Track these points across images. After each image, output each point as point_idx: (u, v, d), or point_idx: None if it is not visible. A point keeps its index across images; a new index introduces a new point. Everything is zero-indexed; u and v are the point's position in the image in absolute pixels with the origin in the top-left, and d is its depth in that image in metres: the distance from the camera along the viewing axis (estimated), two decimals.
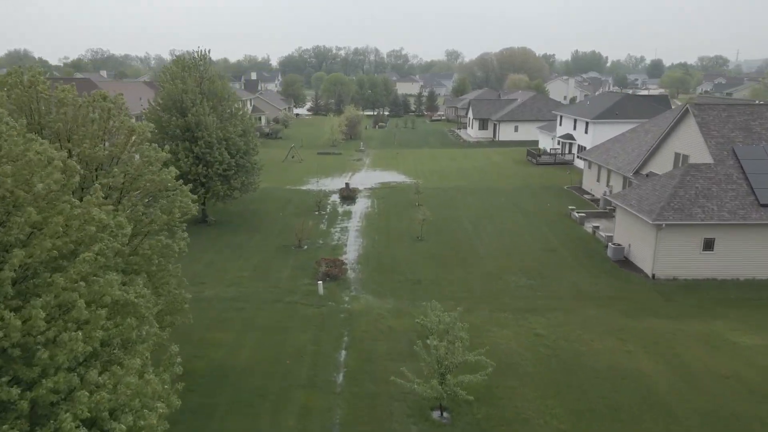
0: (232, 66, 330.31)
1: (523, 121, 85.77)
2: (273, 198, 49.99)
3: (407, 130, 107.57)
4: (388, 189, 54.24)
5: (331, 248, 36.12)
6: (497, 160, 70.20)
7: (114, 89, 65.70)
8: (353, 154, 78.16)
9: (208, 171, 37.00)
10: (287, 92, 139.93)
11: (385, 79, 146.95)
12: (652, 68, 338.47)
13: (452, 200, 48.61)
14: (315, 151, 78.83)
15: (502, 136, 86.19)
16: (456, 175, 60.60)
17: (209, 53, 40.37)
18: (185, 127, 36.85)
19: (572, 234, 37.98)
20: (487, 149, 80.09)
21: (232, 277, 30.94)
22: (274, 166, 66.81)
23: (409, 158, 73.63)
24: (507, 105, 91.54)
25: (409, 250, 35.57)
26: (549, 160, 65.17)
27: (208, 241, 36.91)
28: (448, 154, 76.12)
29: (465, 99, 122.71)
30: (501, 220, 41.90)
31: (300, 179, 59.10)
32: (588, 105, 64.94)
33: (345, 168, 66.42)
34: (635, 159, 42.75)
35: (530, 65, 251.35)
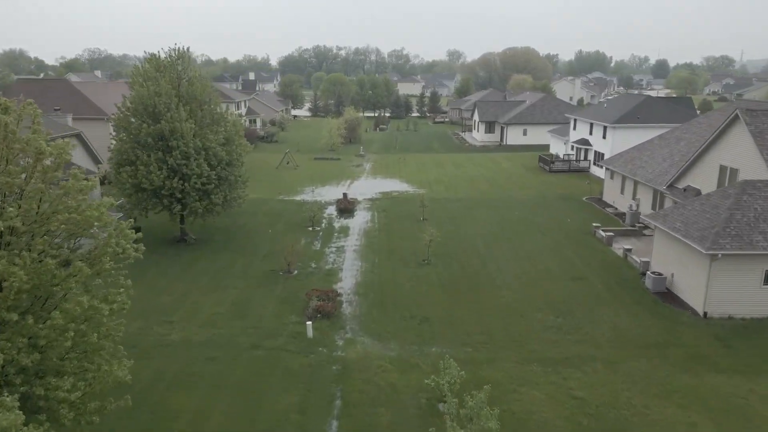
0: (231, 66, 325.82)
1: (533, 125, 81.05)
2: (263, 211, 45.34)
3: (409, 133, 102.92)
4: (389, 200, 49.58)
5: (324, 274, 31.47)
6: (506, 166, 65.50)
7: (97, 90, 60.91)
8: (352, 159, 73.49)
9: (185, 185, 32.33)
10: (285, 93, 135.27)
11: (386, 80, 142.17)
12: (657, 68, 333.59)
13: (460, 214, 43.92)
14: (312, 156, 74.16)
15: (510, 140, 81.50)
16: (463, 185, 55.90)
17: (188, 50, 35.74)
18: (158, 134, 32.21)
19: (600, 257, 33.27)
20: (495, 154, 75.39)
21: (207, 314, 26.27)
22: (267, 173, 62.19)
23: (412, 164, 68.96)
24: (515, 107, 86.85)
25: (414, 276, 30.90)
26: (563, 167, 60.48)
27: (184, 267, 32.22)
28: (454, 160, 71.42)
29: (469, 100, 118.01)
30: (517, 238, 37.21)
31: (294, 188, 54.44)
32: (605, 108, 60.25)
33: (343, 175, 61.77)
34: (667, 170, 38.08)
35: (534, 65, 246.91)
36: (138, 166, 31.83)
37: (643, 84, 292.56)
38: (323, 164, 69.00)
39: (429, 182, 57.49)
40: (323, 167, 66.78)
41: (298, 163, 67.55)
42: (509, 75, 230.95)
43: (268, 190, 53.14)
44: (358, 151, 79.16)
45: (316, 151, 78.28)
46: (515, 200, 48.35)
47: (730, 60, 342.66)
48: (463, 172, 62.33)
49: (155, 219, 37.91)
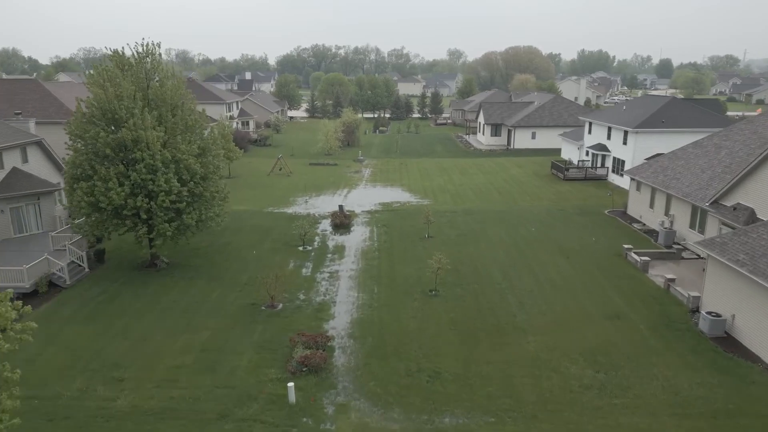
0: (228, 65, 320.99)
1: (542, 127, 76.31)
2: (249, 226, 40.56)
3: (410, 136, 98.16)
4: (390, 212, 44.80)
5: (314, 309, 26.69)
6: (516, 173, 60.71)
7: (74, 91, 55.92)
8: (350, 164, 68.73)
9: (151, 204, 27.53)
10: (281, 93, 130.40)
11: (387, 80, 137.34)
12: (661, 68, 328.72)
13: (470, 230, 39.15)
14: (307, 162, 69.42)
15: (517, 144, 76.73)
16: (471, 194, 51.12)
17: (159, 47, 30.94)
18: (118, 144, 27.42)
19: (637, 288, 28.48)
20: (502, 159, 70.61)
21: (168, 366, 21.48)
22: (258, 181, 57.44)
23: (414, 170, 64.20)
24: (522, 109, 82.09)
25: (421, 312, 26.14)
26: (578, 174, 55.69)
27: (150, 300, 27.41)
28: (459, 166, 66.66)
29: (473, 101, 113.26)
30: (537, 262, 32.41)
31: (285, 198, 49.65)
32: (624, 111, 55.47)
33: (340, 183, 57.01)
34: (708, 183, 33.32)
35: (537, 65, 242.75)
36: (95, 181, 27.04)
37: (647, 84, 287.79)
38: (319, 170, 64.23)
39: (433, 191, 52.72)
40: (319, 174, 62.02)
41: (291, 169, 62.81)
42: (512, 75, 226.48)
43: (257, 201, 48.36)
44: (356, 155, 74.43)
45: (311, 156, 73.53)
46: (530, 213, 43.57)
47: (734, 59, 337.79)
48: (470, 180, 57.55)
49: (125, 238, 33.18)
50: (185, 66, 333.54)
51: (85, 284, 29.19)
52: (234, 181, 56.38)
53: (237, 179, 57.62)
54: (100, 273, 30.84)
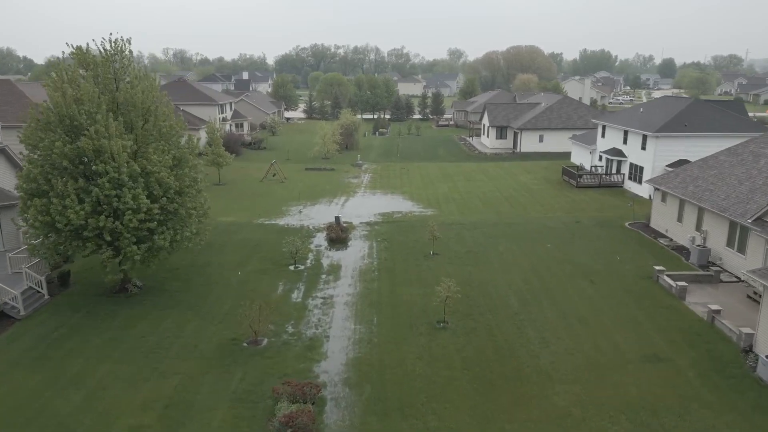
0: (226, 65, 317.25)
1: (550, 130, 72.65)
2: (236, 241, 36.92)
3: (411, 138, 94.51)
4: (391, 224, 41.16)
5: (304, 346, 23.05)
6: (525, 180, 57.05)
7: None
8: (349, 169, 65.09)
9: (116, 224, 23.86)
10: (278, 94, 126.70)
11: (387, 80, 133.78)
12: (664, 67, 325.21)
13: (480, 247, 35.51)
14: (303, 166, 65.75)
15: (524, 147, 73.08)
16: (478, 204, 47.47)
17: (129, 42, 27.28)
18: (78, 155, 23.78)
19: (675, 320, 24.83)
20: (509, 164, 66.95)
21: (124, 427, 17.81)
22: (250, 188, 53.75)
23: (416, 176, 60.57)
24: (529, 110, 78.44)
25: (428, 350, 22.50)
26: (592, 181, 52.04)
27: (114, 336, 23.74)
28: (464, 171, 63.01)
29: (476, 102, 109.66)
30: (558, 287, 28.78)
31: (278, 208, 45.99)
32: (642, 113, 51.83)
33: (337, 190, 53.36)
34: (748, 196, 29.70)
35: (539, 64, 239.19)
36: (51, 198, 23.39)
37: (650, 84, 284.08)
38: (315, 176, 60.54)
39: (437, 200, 49.06)
40: (315, 180, 58.35)
41: (286, 175, 59.16)
42: (513, 74, 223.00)
43: (247, 211, 44.70)
44: (355, 159, 70.79)
45: (308, 161, 69.88)
46: (543, 226, 39.93)
47: (738, 59, 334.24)
48: (477, 187, 53.88)
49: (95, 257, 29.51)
50: (183, 66, 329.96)
51: (43, 315, 25.52)
52: (223, 189, 52.74)
53: (227, 186, 53.96)
54: (62, 300, 27.17)
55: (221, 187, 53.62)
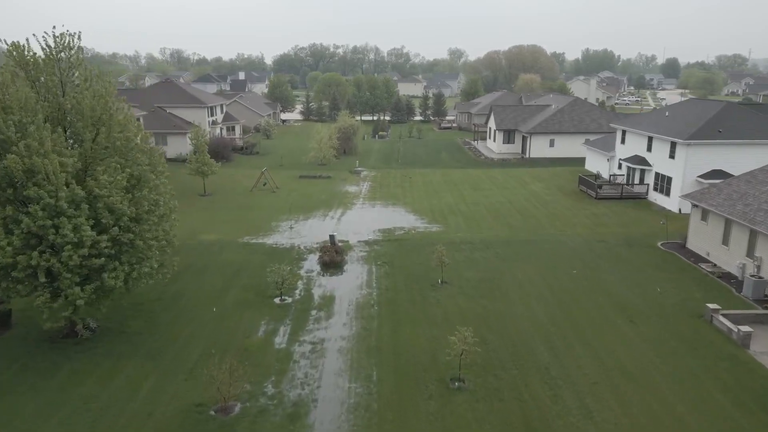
0: (224, 65, 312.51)
1: (562, 134, 68.07)
2: (217, 264, 32.35)
3: (413, 142, 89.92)
4: (392, 243, 36.62)
5: (285, 414, 18.47)
6: (537, 189, 52.47)
7: None
8: (346, 177, 60.52)
9: (52, 261, 19.26)
10: (274, 95, 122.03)
11: (387, 80, 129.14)
12: (667, 67, 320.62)
13: (494, 272, 30.94)
14: (297, 174, 61.15)
15: (533, 152, 68.49)
16: (488, 217, 42.90)
17: (78, 37, 22.74)
18: (4, 177, 19.18)
19: (742, 378, 20.19)
20: (519, 171, 62.38)
21: None
22: (237, 198, 49.13)
23: (419, 184, 55.99)
24: (537, 113, 73.84)
25: (441, 421, 17.93)
26: (613, 192, 47.44)
27: (52, 398, 19.10)
28: (470, 178, 58.42)
29: (480, 103, 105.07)
30: (591, 327, 24.20)
31: (267, 223, 41.41)
32: (667, 117, 47.25)
33: (333, 201, 48.79)
34: None
35: (542, 64, 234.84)
36: None
37: (654, 84, 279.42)
38: (310, 185, 55.92)
39: (442, 213, 44.49)
40: (309, 189, 53.75)
41: (278, 183, 54.58)
42: (516, 74, 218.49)
43: (232, 227, 40.11)
44: (353, 165, 66.22)
45: (303, 167, 65.27)
46: (564, 246, 35.38)
47: (742, 59, 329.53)
48: (485, 198, 49.30)
49: None
50: (180, 66, 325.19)
51: None
52: (208, 201, 48.14)
53: (213, 198, 49.36)
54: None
55: (206, 198, 49.03)
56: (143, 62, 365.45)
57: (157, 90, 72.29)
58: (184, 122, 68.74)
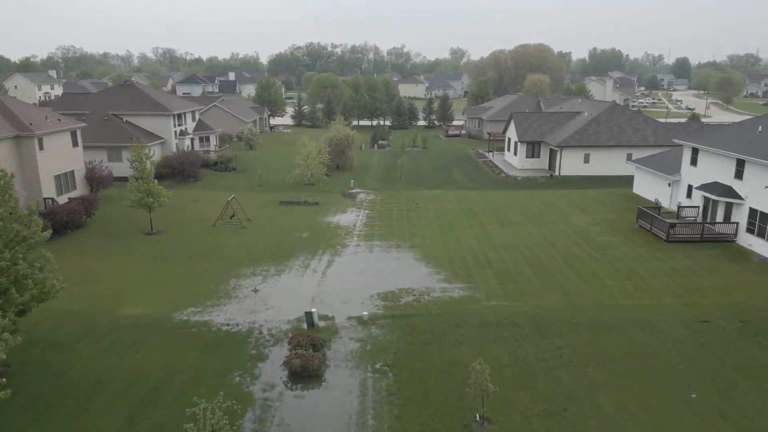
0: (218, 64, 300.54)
1: (599, 148, 56.46)
2: (119, 379, 20.70)
3: (417, 153, 78.26)
4: (399, 321, 25.06)
5: None
6: (583, 224, 40.80)
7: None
8: (338, 202, 48.94)
9: None
10: (262, 98, 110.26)
11: (387, 81, 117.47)
12: (678, 67, 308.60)
13: (566, 400, 19.23)
14: (278, 198, 49.52)
15: (565, 169, 56.89)
16: (530, 271, 31.24)
17: None
18: None
19: None
20: (550, 194, 50.72)
21: None
22: (193, 240, 37.35)
23: (429, 214, 44.37)
24: (567, 121, 62.20)
25: None
26: (689, 233, 35.73)
27: None
28: (493, 205, 46.77)
29: (492, 108, 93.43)
30: None
31: (222, 283, 29.79)
32: (761, 133, 35.55)
33: (318, 241, 37.21)
34: None
35: (549, 64, 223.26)
36: None
37: (665, 84, 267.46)
38: (291, 215, 44.26)
39: (465, 262, 32.90)
40: (290, 222, 42.13)
41: (250, 214, 43.00)
42: (522, 74, 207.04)
43: (173, 292, 28.50)
44: (347, 185, 54.67)
45: (285, 189, 53.68)
46: (656, 332, 23.74)
47: (755, 58, 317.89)
48: (518, 237, 37.66)
49: None
50: (172, 66, 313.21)
51: None
52: (153, 244, 36.48)
53: (160, 238, 37.74)
54: None
55: (151, 239, 37.42)
56: (136, 62, 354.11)
57: (114, 94, 60.70)
58: (144, 133, 57.12)
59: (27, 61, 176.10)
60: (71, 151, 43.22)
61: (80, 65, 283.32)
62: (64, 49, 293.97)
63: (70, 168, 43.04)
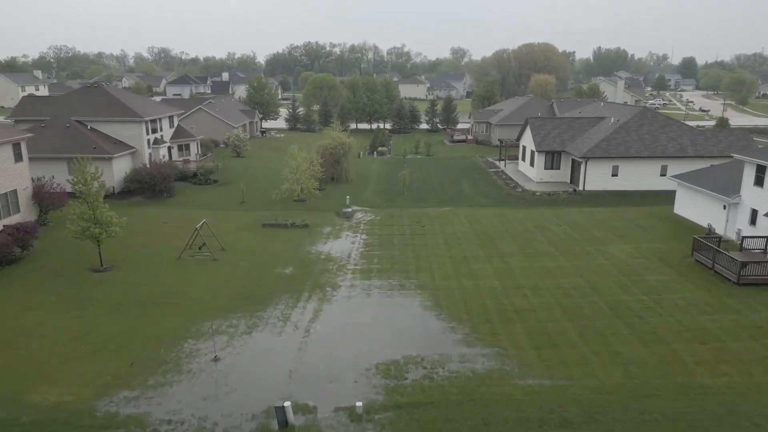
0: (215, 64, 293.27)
1: (629, 159, 49.57)
2: None
3: (421, 161, 71.33)
4: (402, 410, 18.21)
5: None
6: (623, 255, 33.85)
7: None
8: (330, 223, 42.03)
9: None
10: (253, 100, 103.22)
11: (387, 81, 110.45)
12: (683, 67, 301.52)
13: None
14: (262, 218, 42.60)
15: (590, 183, 50.00)
16: (570, 327, 24.24)
17: None
18: None
19: None
20: (577, 213, 43.81)
21: None
22: (150, 278, 30.17)
23: (438, 240, 37.47)
24: (591, 128, 55.29)
25: None
26: (763, 273, 28.78)
27: None
28: (512, 229, 39.84)
29: (501, 112, 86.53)
30: None
31: (173, 345, 22.85)
32: None
33: (305, 279, 30.30)
34: None
35: (555, 64, 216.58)
36: None
37: (671, 84, 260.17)
38: (274, 242, 37.33)
39: (487, 312, 25.96)
40: (270, 252, 35.21)
41: (224, 241, 36.10)
42: (527, 74, 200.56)
43: (106, 362, 21.56)
44: (342, 202, 47.79)
45: (271, 206, 46.82)
46: (754, 424, 16.87)
47: (764, 58, 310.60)
48: (548, 274, 30.70)
49: None
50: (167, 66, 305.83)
51: None
52: (99, 284, 29.49)
53: (111, 275, 30.77)
54: None
55: (100, 277, 30.50)
56: (131, 62, 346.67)
57: (79, 98, 53.74)
58: (112, 142, 50.24)
59: (12, 61, 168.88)
60: (12, 167, 36.29)
61: (72, 65, 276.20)
62: (56, 49, 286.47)
63: (10, 187, 36.10)
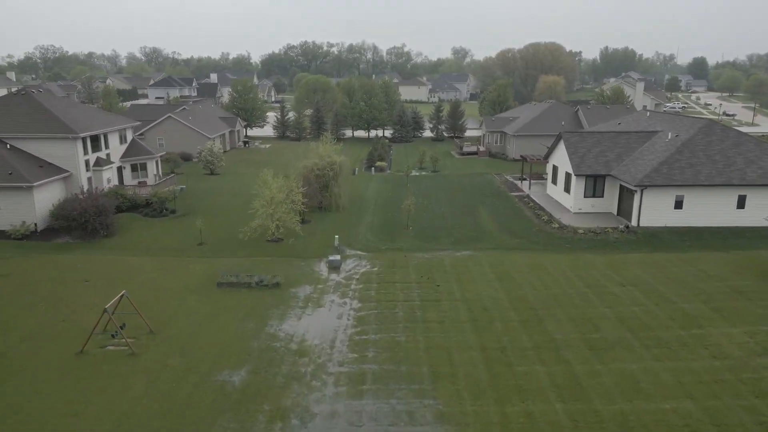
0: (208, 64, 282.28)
1: (696, 187, 38.63)
2: None
3: (428, 180, 60.31)
4: None
5: None
6: (735, 346, 22.90)
7: None
8: (311, 277, 31.01)
9: None
10: (236, 105, 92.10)
11: (386, 84, 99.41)
12: (695, 67, 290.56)
13: None
14: (219, 269, 31.60)
15: (646, 218, 39.07)
16: None
17: None
18: None
19: None
20: (637, 265, 32.80)
21: None
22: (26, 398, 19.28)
23: (461, 314, 26.51)
24: (640, 145, 44.32)
25: None
26: None
27: None
28: (560, 292, 28.85)
29: (518, 119, 75.54)
30: None
31: None
32: None
33: (259, 396, 19.36)
34: None
35: (562, 64, 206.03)
36: None
37: (682, 85, 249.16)
38: (227, 316, 26.22)
39: None
40: (219, 338, 24.14)
41: (154, 319, 25.08)
42: (533, 75, 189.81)
43: None
44: (329, 241, 36.87)
45: (238, 248, 35.89)
46: None
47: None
48: (633, 386, 19.73)
49: None
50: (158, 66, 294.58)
51: None
52: None
53: None
54: None
55: None
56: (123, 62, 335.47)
57: (2, 109, 42.75)
58: (37, 165, 39.36)
59: None
60: None
61: (59, 66, 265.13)
62: (42, 49, 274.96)
63: None
